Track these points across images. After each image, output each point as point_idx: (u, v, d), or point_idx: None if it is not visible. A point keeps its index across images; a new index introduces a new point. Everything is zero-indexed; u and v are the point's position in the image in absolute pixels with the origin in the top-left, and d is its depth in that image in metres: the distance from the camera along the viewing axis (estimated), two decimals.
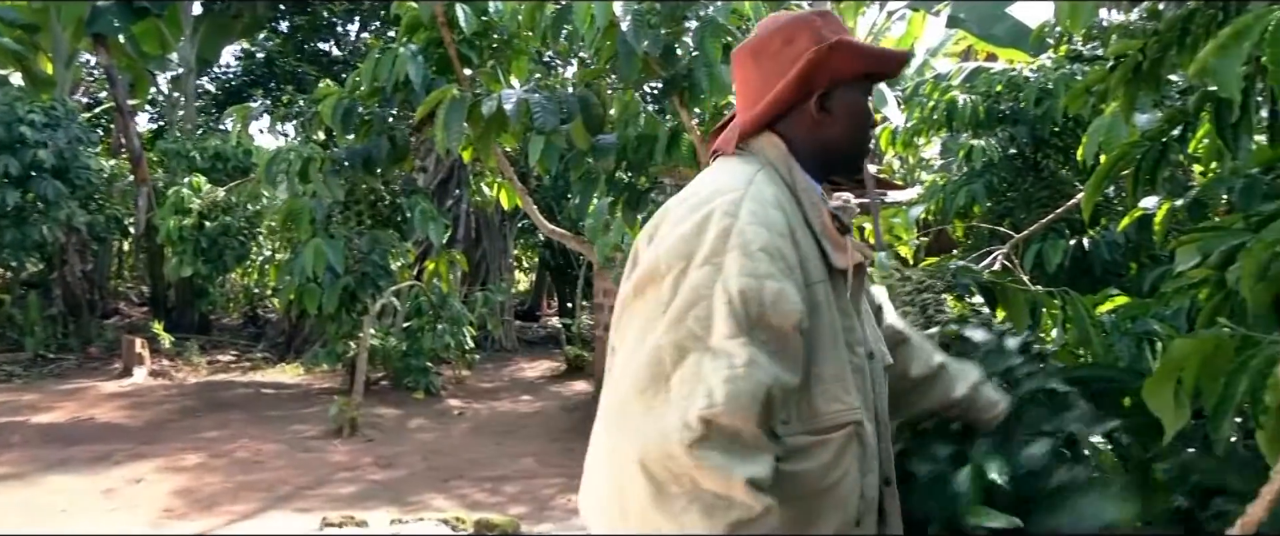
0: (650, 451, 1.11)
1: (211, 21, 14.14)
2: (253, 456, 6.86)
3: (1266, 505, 1.01)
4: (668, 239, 1.22)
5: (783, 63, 1.39)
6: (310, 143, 4.83)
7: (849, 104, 1.42)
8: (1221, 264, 1.57)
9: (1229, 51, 1.34)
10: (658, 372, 1.15)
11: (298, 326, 11.63)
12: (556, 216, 11.81)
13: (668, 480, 1.11)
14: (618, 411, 1.17)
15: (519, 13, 3.56)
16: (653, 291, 1.20)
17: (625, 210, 3.67)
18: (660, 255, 1.21)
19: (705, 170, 1.43)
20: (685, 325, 1.16)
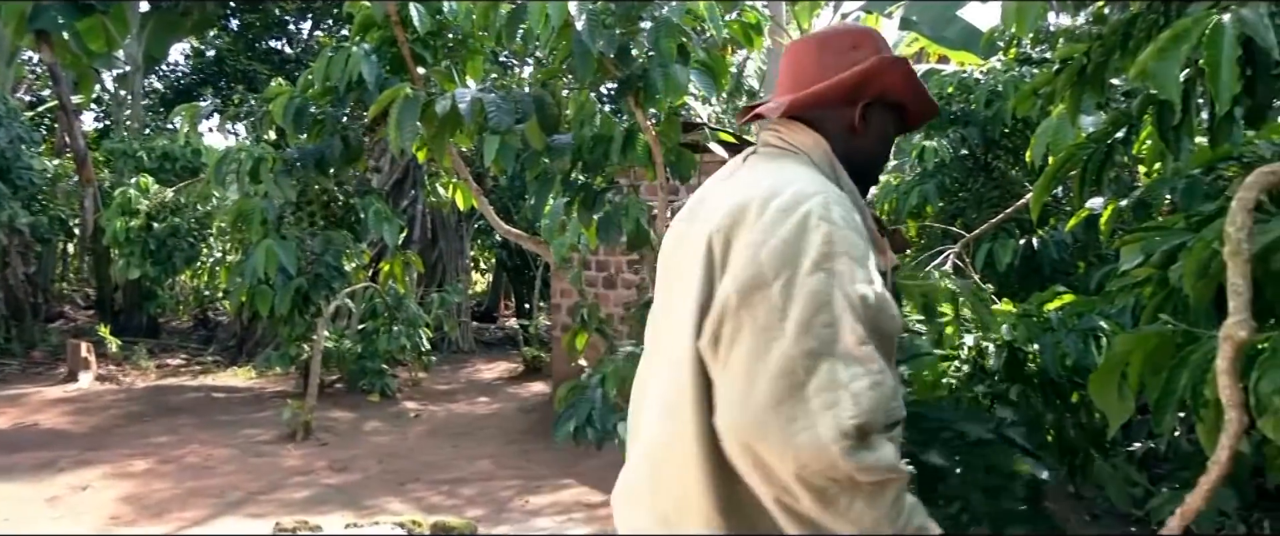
0: (808, 464, 1.14)
1: (159, 19, 13.87)
2: (203, 461, 6.74)
3: (1204, 495, 1.04)
4: (767, 243, 1.22)
5: (843, 61, 1.44)
6: (261, 142, 4.75)
7: (882, 123, 1.48)
8: (1164, 262, 1.61)
9: (1168, 55, 1.37)
10: (793, 383, 1.16)
11: (249, 329, 11.45)
12: (513, 217, 11.76)
13: (828, 485, 1.15)
14: (757, 428, 1.17)
15: (473, 12, 3.53)
16: (761, 298, 1.20)
17: (581, 210, 3.66)
18: (763, 261, 1.21)
19: (758, 163, 1.44)
20: (813, 333, 1.17)
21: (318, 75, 3.78)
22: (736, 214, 1.28)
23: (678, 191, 7.35)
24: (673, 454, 1.26)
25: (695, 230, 1.36)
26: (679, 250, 1.40)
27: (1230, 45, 1.34)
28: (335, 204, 5.39)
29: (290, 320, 5.76)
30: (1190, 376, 1.24)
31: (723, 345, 1.22)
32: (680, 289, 1.33)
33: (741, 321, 1.21)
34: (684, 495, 1.25)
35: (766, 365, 1.17)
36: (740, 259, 1.23)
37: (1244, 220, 1.08)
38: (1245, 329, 1.06)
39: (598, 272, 8.56)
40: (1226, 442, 1.05)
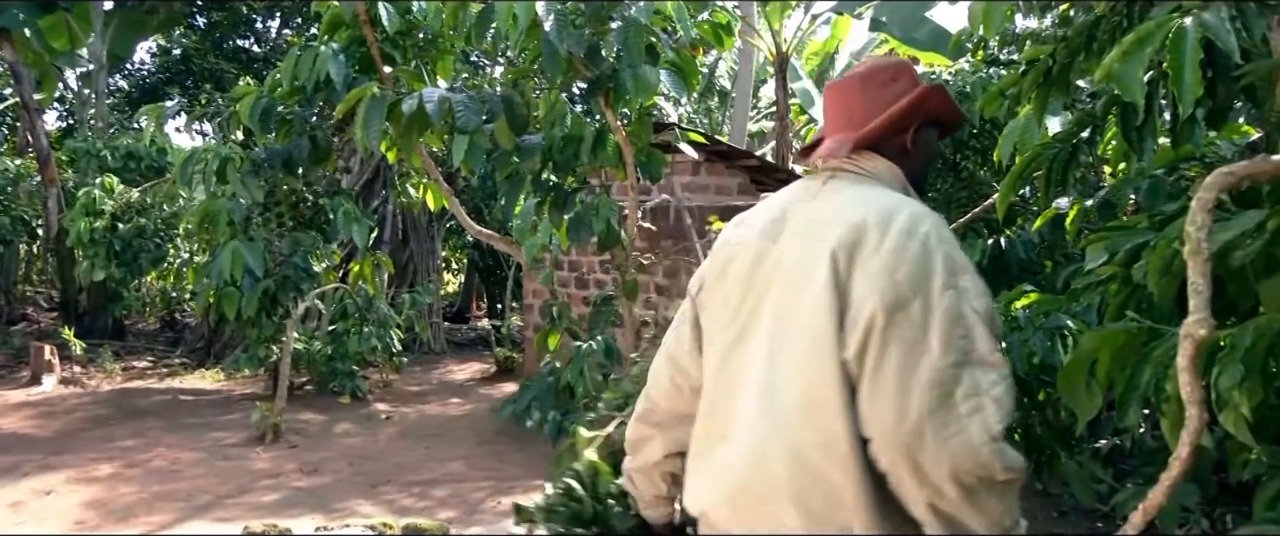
0: (962, 464, 1.28)
1: (124, 17, 13.67)
2: (170, 465, 6.65)
3: (1166, 491, 1.05)
4: (901, 267, 1.36)
5: (888, 94, 1.60)
6: (228, 142, 4.69)
7: (927, 142, 1.64)
8: (1128, 261, 1.63)
9: (1132, 57, 1.39)
10: (943, 393, 1.30)
11: (217, 331, 11.31)
12: (485, 217, 11.71)
13: (976, 484, 1.30)
14: (915, 437, 1.30)
15: (443, 12, 3.51)
16: (903, 317, 1.34)
17: (552, 211, 3.65)
18: (902, 282, 1.35)
19: (843, 187, 1.56)
20: (954, 346, 1.32)
21: (285, 75, 3.74)
22: (856, 233, 1.41)
23: (649, 191, 7.36)
24: (829, 455, 1.36)
25: (794, 246, 1.49)
26: (766, 264, 1.52)
27: (1192, 48, 1.36)
28: (304, 204, 5.33)
29: (258, 322, 5.69)
30: (1153, 372, 1.25)
31: (870, 359, 1.34)
32: (798, 303, 1.44)
33: (888, 339, 1.33)
34: (838, 494, 1.36)
35: (918, 378, 1.31)
36: (879, 281, 1.36)
37: (1203, 220, 1.10)
38: (1205, 327, 1.07)
39: (569, 273, 8.55)
40: (1187, 439, 1.06)
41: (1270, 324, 1.15)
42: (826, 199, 1.53)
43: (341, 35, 3.83)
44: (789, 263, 1.48)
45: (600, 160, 3.57)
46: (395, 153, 3.91)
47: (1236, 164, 1.16)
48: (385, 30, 3.66)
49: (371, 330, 8.90)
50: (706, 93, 18.56)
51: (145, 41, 15.24)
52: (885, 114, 1.57)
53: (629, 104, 3.40)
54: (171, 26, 15.16)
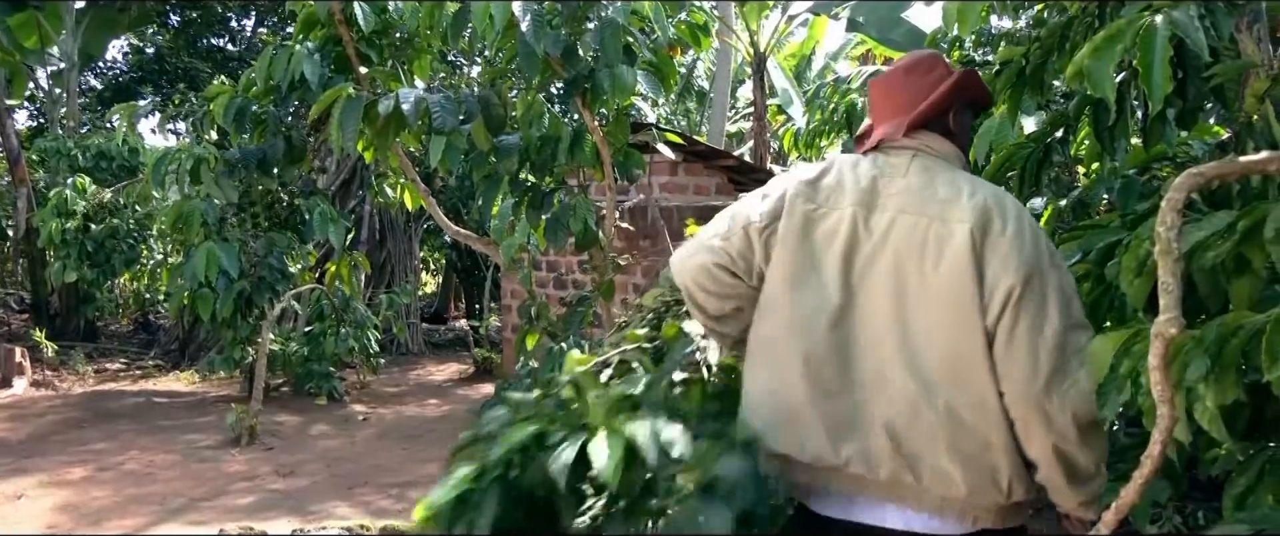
0: (1080, 409, 1.51)
1: (96, 15, 13.50)
2: (143, 468, 6.58)
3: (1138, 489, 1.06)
4: (1025, 247, 1.59)
5: (929, 81, 1.79)
6: (203, 142, 4.64)
7: (965, 123, 1.83)
8: (1100, 260, 1.64)
9: (1103, 55, 1.40)
10: (1065, 354, 1.53)
11: (192, 332, 11.20)
12: (463, 218, 11.67)
13: (1088, 426, 1.53)
14: (1045, 389, 1.53)
15: (419, 11, 3.49)
16: (1028, 289, 1.56)
17: (530, 211, 3.63)
18: (1029, 260, 1.58)
19: (929, 165, 1.74)
20: (1071, 314, 1.57)
21: (260, 74, 3.71)
22: (985, 216, 1.61)
23: (626, 192, 7.36)
24: (982, 410, 1.58)
25: (904, 221, 1.66)
26: (871, 233, 1.69)
27: (1162, 46, 1.37)
28: (279, 205, 5.28)
29: (233, 323, 5.63)
30: (1130, 366, 1.26)
31: (1005, 326, 1.56)
32: (928, 274, 1.62)
33: (1022, 308, 1.55)
34: (986, 440, 1.58)
35: (1045, 340, 1.53)
36: (1012, 258, 1.57)
37: (1173, 220, 1.11)
38: (1175, 326, 1.08)
39: (548, 273, 8.53)
40: (1158, 438, 1.07)
41: (1236, 321, 1.16)
42: (920, 177, 1.71)
43: (317, 34, 3.80)
44: (902, 235, 1.66)
45: (578, 160, 3.56)
46: (372, 153, 3.88)
47: (1206, 165, 1.17)
48: (361, 30, 3.63)
49: (348, 331, 8.84)
50: (685, 93, 18.58)
51: (118, 40, 15.06)
52: (930, 98, 1.76)
53: (606, 104, 3.39)
54: (144, 25, 15.00)
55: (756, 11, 11.86)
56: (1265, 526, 1.19)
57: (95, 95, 16.12)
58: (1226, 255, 1.22)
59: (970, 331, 1.58)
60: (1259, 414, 1.40)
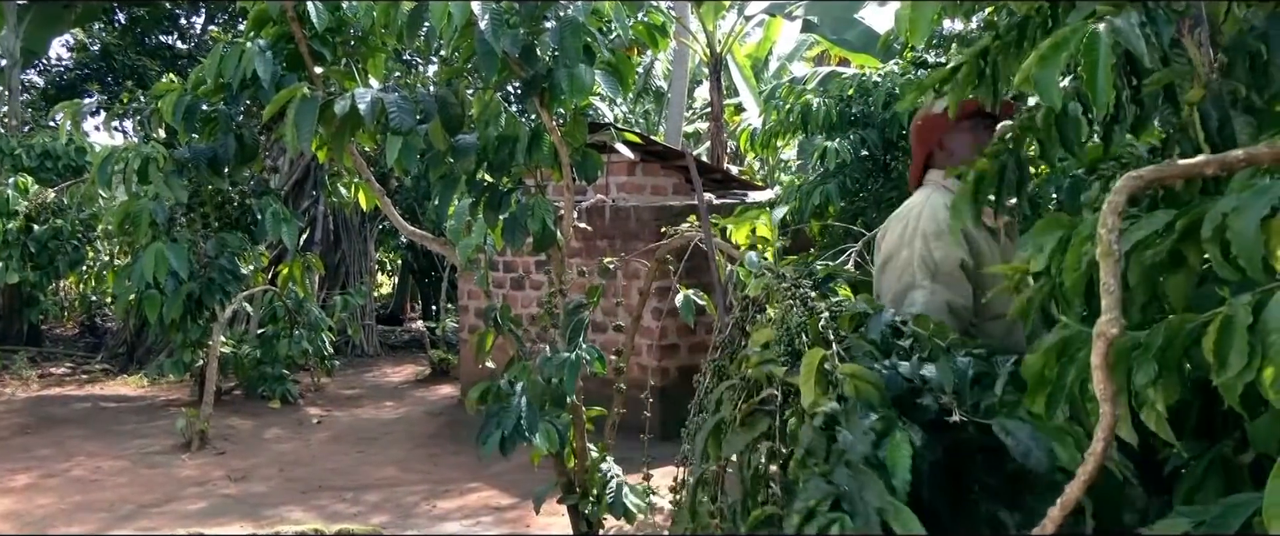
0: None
1: (39, 11, 13.18)
2: (91, 474, 6.45)
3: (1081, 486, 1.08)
4: (889, 236, 2.44)
5: (914, 143, 2.57)
6: (151, 141, 4.54)
7: (955, 144, 2.42)
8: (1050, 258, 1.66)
9: (1049, 62, 1.43)
10: (900, 301, 2.26)
11: (140, 335, 10.99)
12: (419, 218, 11.57)
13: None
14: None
15: (374, 10, 3.45)
16: (886, 263, 2.41)
17: (487, 211, 3.61)
18: (887, 247, 2.42)
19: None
20: (903, 280, 2.28)
21: (210, 71, 3.63)
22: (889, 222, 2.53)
23: (584, 191, 7.35)
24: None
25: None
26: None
27: (1105, 53, 1.40)
28: (230, 205, 5.20)
29: (183, 326, 5.53)
30: (1077, 372, 1.28)
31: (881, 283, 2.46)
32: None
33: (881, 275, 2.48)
34: None
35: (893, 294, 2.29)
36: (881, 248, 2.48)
37: (1114, 222, 1.14)
38: (1116, 326, 1.11)
39: (506, 274, 8.50)
40: (1100, 435, 1.10)
41: (1182, 323, 1.19)
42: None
43: (268, 32, 3.74)
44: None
45: (536, 160, 3.54)
46: (326, 153, 3.83)
47: (1145, 169, 1.20)
48: (314, 27, 3.58)
49: (302, 333, 8.73)
50: (643, 93, 18.60)
51: (63, 36, 14.70)
52: (914, 162, 2.54)
53: (564, 104, 3.38)
54: (90, 21, 14.66)
55: (713, 12, 11.92)
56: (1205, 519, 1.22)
57: (39, 93, 15.73)
58: (1164, 254, 1.25)
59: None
60: (1208, 412, 1.43)
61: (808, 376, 1.57)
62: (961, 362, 1.60)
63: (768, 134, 6.20)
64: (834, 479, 1.38)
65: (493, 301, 3.87)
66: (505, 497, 5.93)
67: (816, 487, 1.37)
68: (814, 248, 6.05)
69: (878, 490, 1.31)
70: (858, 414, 1.46)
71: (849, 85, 5.83)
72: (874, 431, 1.41)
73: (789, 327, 1.86)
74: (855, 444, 1.39)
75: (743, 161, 13.77)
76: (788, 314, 1.91)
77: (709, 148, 12.57)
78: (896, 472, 1.33)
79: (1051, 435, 1.36)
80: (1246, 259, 1.12)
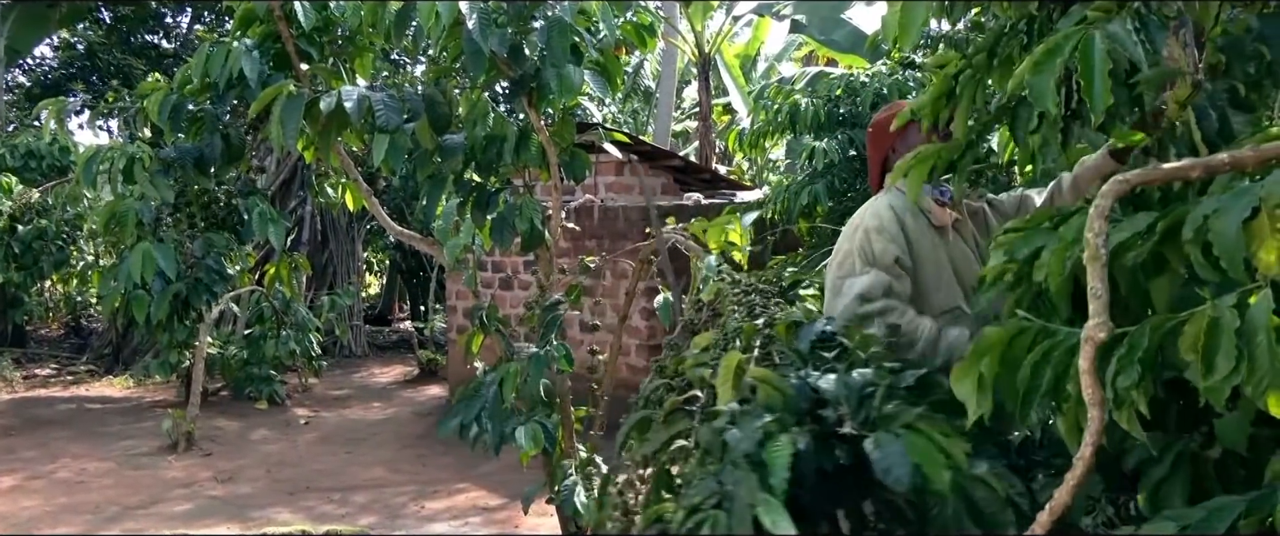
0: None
1: (24, 11, 13.07)
2: (76, 476, 6.41)
3: (1071, 491, 1.09)
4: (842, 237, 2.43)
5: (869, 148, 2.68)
6: (136, 140, 4.50)
7: (909, 146, 2.28)
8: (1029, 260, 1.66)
9: (1043, 69, 1.43)
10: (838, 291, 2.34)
11: (126, 336, 10.93)
12: (406, 218, 11.54)
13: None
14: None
15: (361, 9, 3.44)
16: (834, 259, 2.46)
17: (474, 211, 3.60)
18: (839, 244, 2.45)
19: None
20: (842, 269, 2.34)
21: (196, 71, 3.61)
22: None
23: (573, 191, 7.34)
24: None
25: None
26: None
27: (1101, 60, 1.40)
28: (216, 205, 5.16)
29: (169, 326, 5.48)
30: (1053, 372, 1.28)
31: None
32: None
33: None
34: None
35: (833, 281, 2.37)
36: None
37: (1100, 226, 1.14)
38: (1104, 330, 1.11)
39: (494, 273, 8.48)
40: (1089, 439, 1.10)
41: (1164, 323, 1.19)
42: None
43: (255, 31, 3.72)
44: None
45: (523, 160, 3.53)
46: (313, 152, 3.81)
47: (1131, 172, 1.21)
48: (301, 26, 3.56)
49: (289, 334, 8.70)
50: (631, 93, 18.60)
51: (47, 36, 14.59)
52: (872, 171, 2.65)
53: (552, 104, 3.38)
54: (75, 22, 14.55)
55: (701, 12, 11.92)
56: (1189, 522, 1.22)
57: (23, 92, 15.60)
58: (1146, 255, 1.25)
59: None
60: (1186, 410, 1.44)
61: (725, 379, 1.60)
62: (859, 376, 1.61)
63: (756, 134, 6.21)
64: (722, 478, 1.40)
65: (481, 301, 3.86)
66: (494, 498, 5.92)
67: (705, 486, 1.40)
68: (802, 247, 6.06)
69: (751, 486, 1.32)
70: (753, 416, 1.48)
71: (837, 85, 5.84)
72: (762, 432, 1.42)
73: (726, 333, 1.88)
74: (741, 442, 1.41)
75: (731, 161, 13.78)
76: (728, 318, 1.94)
77: (697, 147, 12.58)
78: (774, 471, 1.35)
79: (921, 455, 1.36)
80: (1228, 260, 1.12)
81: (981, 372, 1.31)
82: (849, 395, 1.54)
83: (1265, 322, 1.07)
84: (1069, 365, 1.19)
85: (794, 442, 1.39)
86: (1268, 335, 1.07)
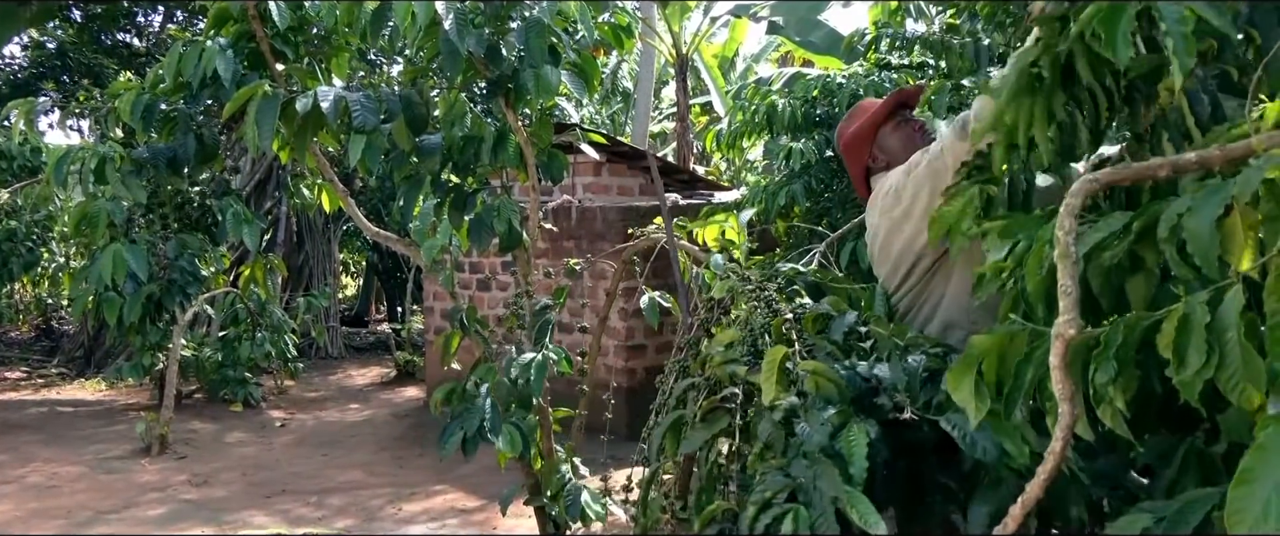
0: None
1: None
2: (47, 480, 6.33)
3: (1042, 484, 1.10)
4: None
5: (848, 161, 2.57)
6: (108, 140, 4.45)
7: (887, 146, 2.44)
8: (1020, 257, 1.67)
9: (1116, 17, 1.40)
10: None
11: (97, 338, 10.80)
12: (384, 219, 11.48)
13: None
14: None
15: (337, 8, 3.41)
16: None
17: (452, 212, 3.59)
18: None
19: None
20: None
21: (169, 70, 3.57)
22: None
23: (550, 192, 7.33)
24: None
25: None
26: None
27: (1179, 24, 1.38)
28: (190, 206, 5.11)
29: (142, 328, 5.43)
30: (1035, 372, 1.30)
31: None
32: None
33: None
34: None
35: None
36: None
37: (1071, 225, 1.16)
38: (1074, 327, 1.13)
39: (472, 275, 8.46)
40: (1059, 434, 1.12)
41: (1139, 320, 1.21)
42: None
43: (229, 30, 3.68)
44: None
45: (501, 161, 3.52)
46: (288, 153, 3.78)
47: (1101, 172, 1.22)
48: (276, 26, 3.53)
49: (265, 335, 8.63)
50: (610, 94, 18.60)
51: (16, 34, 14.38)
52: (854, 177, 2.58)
53: (530, 104, 3.37)
54: (46, 21, 14.36)
55: (679, 13, 11.94)
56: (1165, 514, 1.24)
57: None
58: (1122, 255, 1.27)
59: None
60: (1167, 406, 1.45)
61: (769, 373, 1.58)
62: (913, 361, 1.62)
63: (733, 134, 6.23)
64: (791, 472, 1.39)
65: (459, 302, 3.84)
66: (471, 500, 5.90)
67: (774, 480, 1.39)
68: (779, 247, 6.08)
69: (834, 479, 1.32)
70: (816, 408, 1.47)
71: (814, 86, 5.87)
72: (831, 424, 1.42)
73: (753, 328, 1.87)
74: (812, 435, 1.41)
75: (709, 162, 13.81)
76: (752, 315, 1.93)
77: (676, 148, 12.59)
78: (853, 461, 1.35)
79: (998, 430, 1.38)
80: (1202, 258, 1.14)
81: (979, 376, 1.33)
82: (912, 380, 1.55)
83: (1235, 318, 1.09)
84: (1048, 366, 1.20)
85: (866, 432, 1.39)
86: (1238, 330, 1.09)
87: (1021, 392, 1.32)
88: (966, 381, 1.36)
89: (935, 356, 1.65)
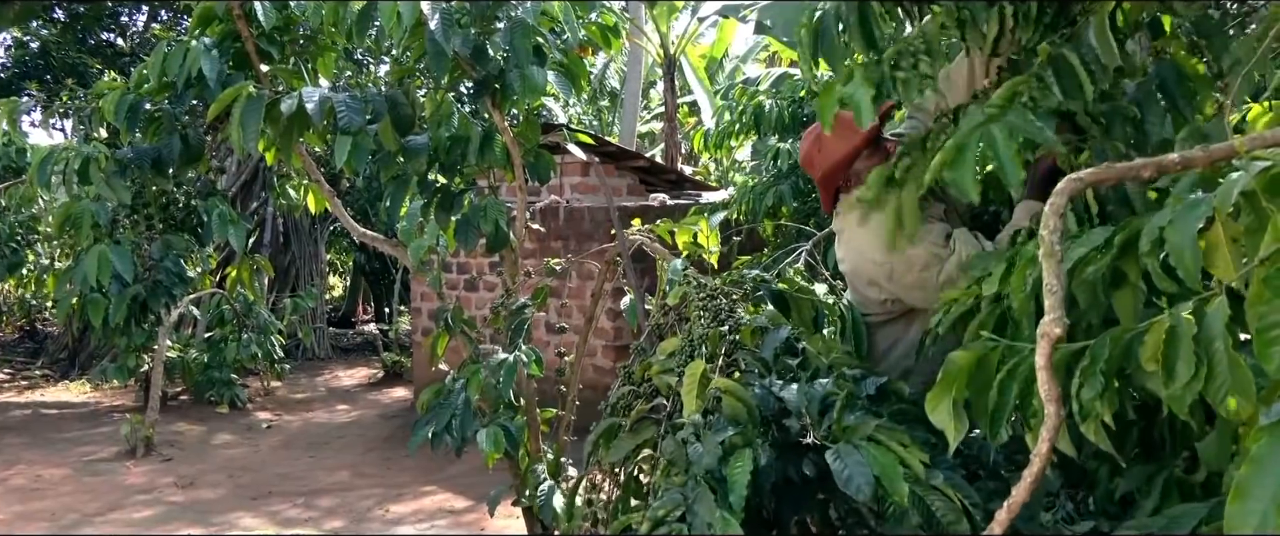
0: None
1: None
2: (32, 483, 6.28)
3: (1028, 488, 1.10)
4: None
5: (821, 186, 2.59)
6: (92, 141, 4.42)
7: (863, 170, 2.32)
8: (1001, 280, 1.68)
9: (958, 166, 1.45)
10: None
11: (82, 340, 10.73)
12: (371, 219, 11.45)
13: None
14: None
15: (322, 9, 3.40)
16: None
17: (439, 213, 3.58)
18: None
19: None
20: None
21: (154, 70, 3.55)
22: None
23: (538, 192, 7.32)
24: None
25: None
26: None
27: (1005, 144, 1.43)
28: (175, 206, 5.08)
29: (127, 330, 5.39)
30: (1019, 386, 1.30)
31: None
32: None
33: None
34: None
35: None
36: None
37: (1056, 223, 1.16)
38: (1060, 325, 1.13)
39: (459, 275, 8.44)
40: (1045, 436, 1.12)
41: (1124, 333, 1.21)
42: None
43: (214, 30, 3.66)
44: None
45: (488, 161, 3.52)
46: (274, 154, 3.77)
47: (1084, 171, 1.23)
48: (261, 26, 3.52)
49: (251, 336, 8.59)
50: (598, 94, 18.58)
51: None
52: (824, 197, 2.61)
53: (517, 105, 3.37)
54: (28, 20, 14.26)
55: (666, 13, 11.95)
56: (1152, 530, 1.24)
57: None
58: (1105, 269, 1.27)
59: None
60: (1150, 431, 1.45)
61: (690, 387, 1.61)
62: (819, 386, 1.63)
63: (721, 135, 6.23)
64: (686, 491, 1.42)
65: (446, 303, 3.83)
66: (460, 500, 5.89)
67: (670, 498, 1.42)
68: (767, 248, 6.09)
69: (710, 505, 1.35)
70: (719, 428, 1.50)
71: (800, 87, 5.88)
72: (722, 447, 1.45)
73: (692, 338, 1.88)
74: (703, 457, 1.44)
75: (697, 162, 13.81)
76: (695, 324, 1.94)
77: (664, 148, 12.60)
78: (733, 489, 1.38)
79: (881, 466, 1.39)
80: (1185, 270, 1.14)
81: (954, 397, 1.33)
82: (810, 405, 1.56)
83: (1222, 329, 1.09)
84: (1034, 379, 1.20)
85: (755, 458, 1.42)
86: (1224, 340, 1.08)
87: (1007, 410, 1.32)
88: (944, 402, 1.36)
89: (844, 380, 1.67)
